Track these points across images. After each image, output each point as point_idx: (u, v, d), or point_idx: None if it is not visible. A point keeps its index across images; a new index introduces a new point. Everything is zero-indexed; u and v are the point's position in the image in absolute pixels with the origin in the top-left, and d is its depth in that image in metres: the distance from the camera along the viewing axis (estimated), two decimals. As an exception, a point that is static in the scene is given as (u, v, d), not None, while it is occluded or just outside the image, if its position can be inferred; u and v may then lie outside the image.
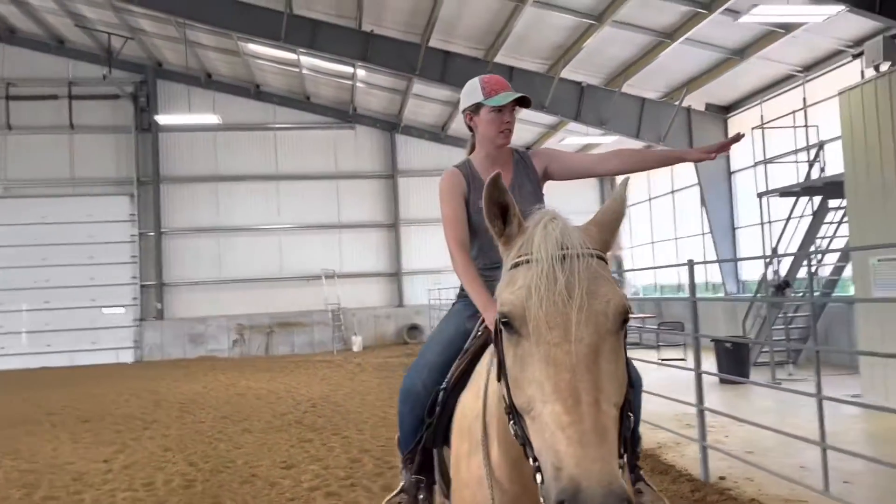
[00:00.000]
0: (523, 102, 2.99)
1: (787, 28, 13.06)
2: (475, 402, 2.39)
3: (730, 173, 17.78)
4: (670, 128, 17.04)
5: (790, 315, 12.47)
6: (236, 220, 24.31)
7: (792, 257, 12.86)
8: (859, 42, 13.01)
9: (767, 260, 13.18)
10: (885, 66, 9.51)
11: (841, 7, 9.78)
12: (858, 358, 10.05)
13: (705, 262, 17.12)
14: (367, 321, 24.45)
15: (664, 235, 21.40)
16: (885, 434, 7.85)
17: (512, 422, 1.75)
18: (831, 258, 12.15)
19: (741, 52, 14.73)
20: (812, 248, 12.15)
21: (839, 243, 12.35)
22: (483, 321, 2.73)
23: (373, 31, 16.28)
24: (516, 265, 1.81)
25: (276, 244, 24.49)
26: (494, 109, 2.95)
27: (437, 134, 24.82)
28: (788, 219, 13.27)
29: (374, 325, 24.61)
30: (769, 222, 14.16)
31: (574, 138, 19.74)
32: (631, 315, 1.76)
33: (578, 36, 15.25)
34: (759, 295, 13.09)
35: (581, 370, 1.59)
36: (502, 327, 1.78)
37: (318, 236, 24.66)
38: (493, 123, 2.97)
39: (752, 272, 16.57)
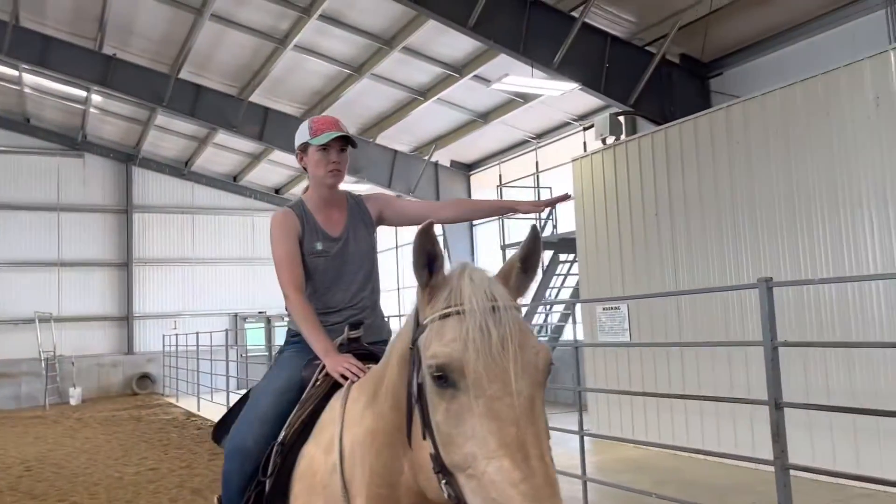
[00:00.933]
0: (351, 143, 2.96)
1: (526, 98, 14.51)
2: (326, 456, 2.26)
3: (472, 226, 19.05)
4: (419, 180, 17.91)
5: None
6: (-74, 252, 20.68)
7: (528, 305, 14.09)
8: (583, 116, 14.87)
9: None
10: (610, 140, 10.97)
11: (576, 85, 11.11)
12: (585, 395, 11.21)
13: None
14: (90, 370, 21.93)
15: (411, 282, 22.20)
16: (611, 464, 8.82)
17: (444, 481, 1.64)
18: (560, 305, 13.50)
19: (485, 116, 16.04)
20: (555, 297, 13.49)
21: (566, 292, 13.81)
22: (323, 369, 2.61)
23: (115, 55, 15.08)
24: (445, 316, 1.73)
25: (-23, 282, 21.19)
26: (320, 149, 2.90)
27: (180, 169, 23.48)
28: (525, 270, 14.57)
29: (98, 375, 22.16)
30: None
31: (326, 184, 19.86)
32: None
33: (337, 84, 15.51)
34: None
35: (524, 423, 1.56)
36: (432, 381, 1.68)
37: (32, 274, 21.79)
38: (320, 163, 2.92)
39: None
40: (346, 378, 2.46)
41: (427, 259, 1.81)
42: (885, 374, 6.91)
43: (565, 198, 3.09)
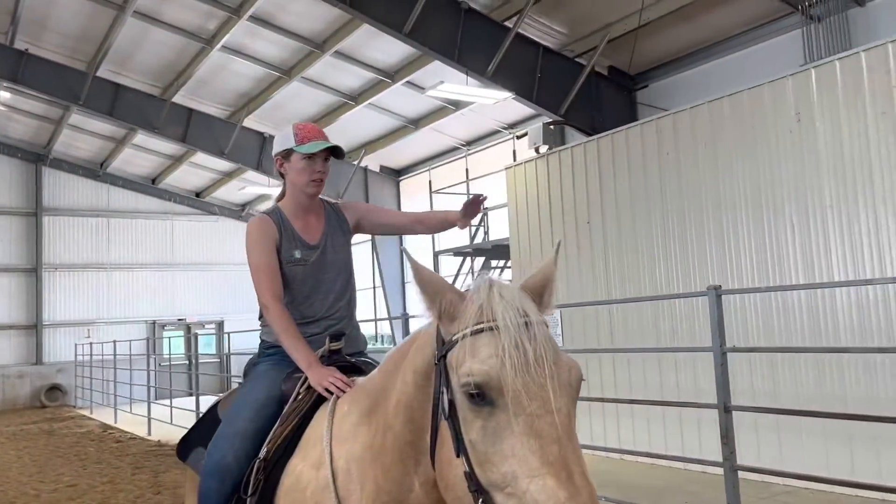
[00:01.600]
0: (337, 153, 2.91)
1: (457, 105, 14.61)
2: (316, 472, 2.20)
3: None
4: (348, 185, 17.75)
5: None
6: None
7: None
8: (513, 125, 15.09)
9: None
10: (543, 149, 11.16)
11: (509, 94, 11.26)
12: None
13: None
14: (-6, 382, 20.74)
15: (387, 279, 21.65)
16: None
17: (481, 500, 1.61)
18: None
19: (415, 122, 16.05)
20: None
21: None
22: (305, 381, 2.54)
23: (28, 50, 14.35)
24: (477, 332, 1.69)
25: None
26: (305, 157, 2.82)
27: (95, 170, 22.50)
28: (457, 276, 14.66)
29: (2, 387, 20.95)
30: (438, 279, 15.41)
31: (253, 188, 19.43)
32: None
33: (265, 87, 15.23)
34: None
35: (565, 441, 1.56)
36: (466, 399, 1.65)
37: (-70, 281, 20.47)
38: (304, 171, 2.84)
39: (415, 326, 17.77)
40: (330, 392, 2.40)
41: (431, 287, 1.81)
42: (807, 377, 7.28)
43: (478, 199, 2.95)
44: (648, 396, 8.47)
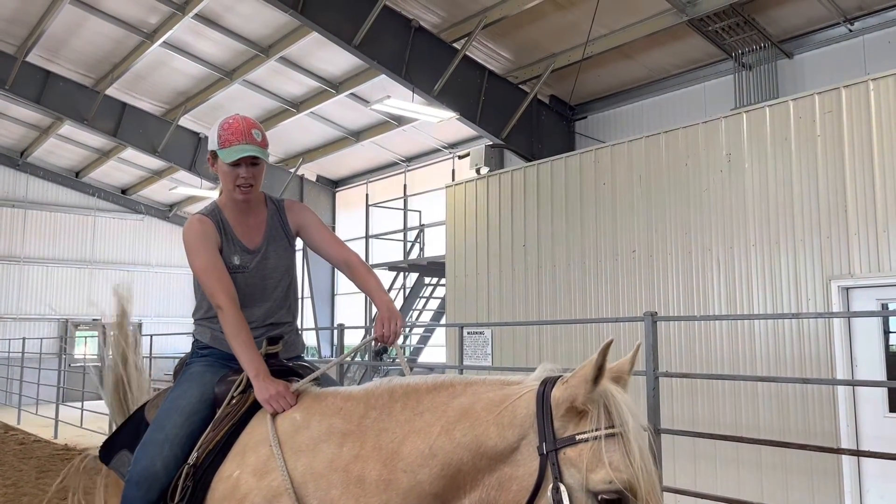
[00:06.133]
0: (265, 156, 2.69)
1: (400, 121, 14.68)
2: (257, 480, 2.15)
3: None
4: (283, 193, 17.53)
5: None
6: None
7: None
8: (453, 145, 15.26)
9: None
10: (485, 170, 11.33)
11: (454, 114, 11.41)
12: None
13: (363, 328, 17.73)
14: None
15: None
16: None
17: None
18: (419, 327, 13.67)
19: (357, 134, 16.04)
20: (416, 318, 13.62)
21: (427, 315, 14.03)
22: (240, 386, 2.48)
23: (-48, 29, 13.71)
24: (609, 436, 1.78)
25: None
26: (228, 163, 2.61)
27: (14, 159, 21.50)
28: (389, 289, 14.66)
29: None
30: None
31: (184, 189, 18.92)
32: None
33: (205, 87, 14.95)
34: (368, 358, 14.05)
35: None
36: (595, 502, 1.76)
37: None
38: (228, 176, 2.63)
39: (348, 337, 17.65)
40: (273, 409, 2.34)
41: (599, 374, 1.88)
42: (724, 405, 7.59)
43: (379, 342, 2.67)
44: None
